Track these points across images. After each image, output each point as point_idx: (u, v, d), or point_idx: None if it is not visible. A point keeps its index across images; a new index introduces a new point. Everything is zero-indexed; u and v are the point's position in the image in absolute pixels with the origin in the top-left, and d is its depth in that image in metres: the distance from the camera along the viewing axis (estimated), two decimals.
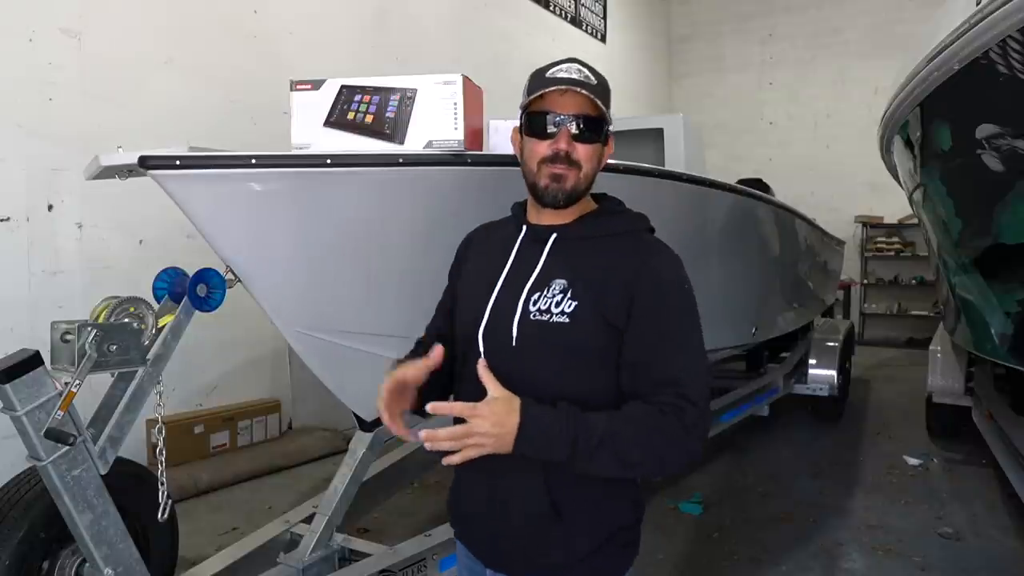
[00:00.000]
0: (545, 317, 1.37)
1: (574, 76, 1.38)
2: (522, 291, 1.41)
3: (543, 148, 1.39)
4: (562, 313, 1.36)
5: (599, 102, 1.37)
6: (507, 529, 1.42)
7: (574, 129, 1.38)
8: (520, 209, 1.55)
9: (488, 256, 1.52)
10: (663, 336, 1.34)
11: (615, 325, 1.35)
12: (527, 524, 1.39)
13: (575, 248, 1.42)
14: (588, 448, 1.24)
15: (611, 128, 1.46)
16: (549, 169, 1.39)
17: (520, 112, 1.45)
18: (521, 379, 1.33)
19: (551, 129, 1.38)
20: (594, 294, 1.36)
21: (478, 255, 1.59)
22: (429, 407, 1.29)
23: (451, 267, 1.68)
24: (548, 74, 1.40)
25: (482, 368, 1.30)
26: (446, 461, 1.25)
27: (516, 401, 1.26)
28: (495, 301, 1.44)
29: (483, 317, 1.44)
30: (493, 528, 1.45)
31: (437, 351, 1.38)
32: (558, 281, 1.39)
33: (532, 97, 1.39)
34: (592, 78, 1.39)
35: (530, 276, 1.42)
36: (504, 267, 1.46)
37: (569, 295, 1.37)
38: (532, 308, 1.38)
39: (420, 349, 1.63)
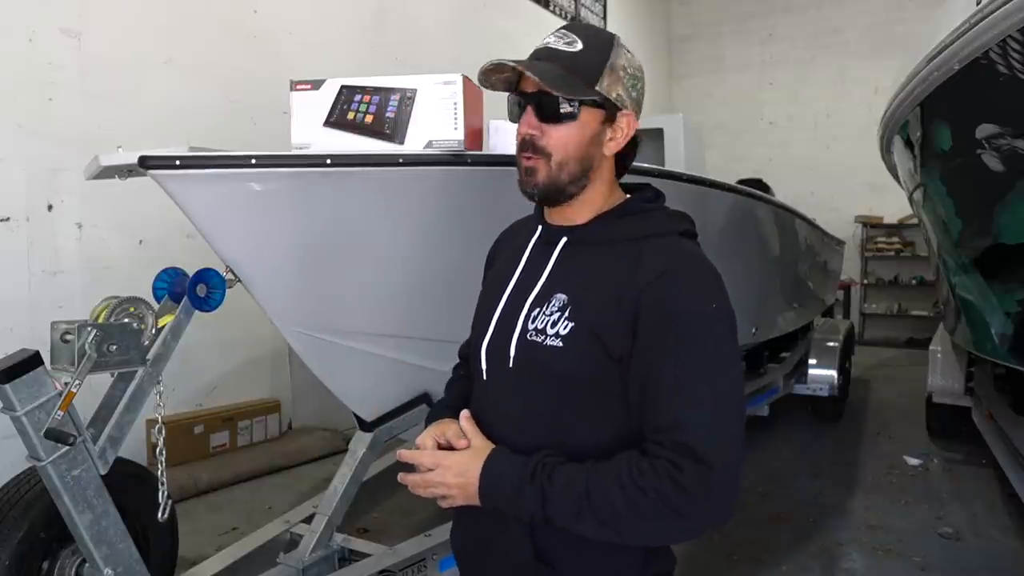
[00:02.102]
0: (540, 339, 1.16)
1: (551, 45, 1.18)
2: (524, 305, 1.21)
3: (518, 136, 1.21)
4: (556, 335, 1.14)
5: (554, 74, 1.13)
6: (491, 573, 1.25)
7: (538, 107, 1.16)
8: (540, 208, 1.32)
9: (507, 260, 1.33)
10: (668, 370, 1.06)
11: (618, 356, 1.10)
12: (510, 571, 1.20)
13: (585, 255, 1.20)
14: (560, 507, 1.06)
15: (623, 96, 1.20)
16: (521, 160, 1.21)
17: None
18: (517, 409, 1.19)
19: (516, 112, 1.21)
20: (593, 315, 1.12)
21: (501, 259, 1.39)
22: (397, 454, 1.22)
23: (484, 273, 1.47)
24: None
25: (463, 419, 1.21)
26: (444, 504, 1.19)
27: (486, 451, 1.15)
28: (499, 316, 1.25)
29: (487, 333, 1.27)
30: (479, 568, 1.29)
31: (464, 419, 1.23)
32: (559, 296, 1.17)
33: (480, 73, 1.22)
34: (577, 42, 1.16)
35: (533, 288, 1.22)
36: (514, 275, 1.27)
37: (567, 314, 1.15)
38: (531, 327, 1.18)
39: (452, 389, 1.47)
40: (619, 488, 1.03)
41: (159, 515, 2.31)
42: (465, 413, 1.23)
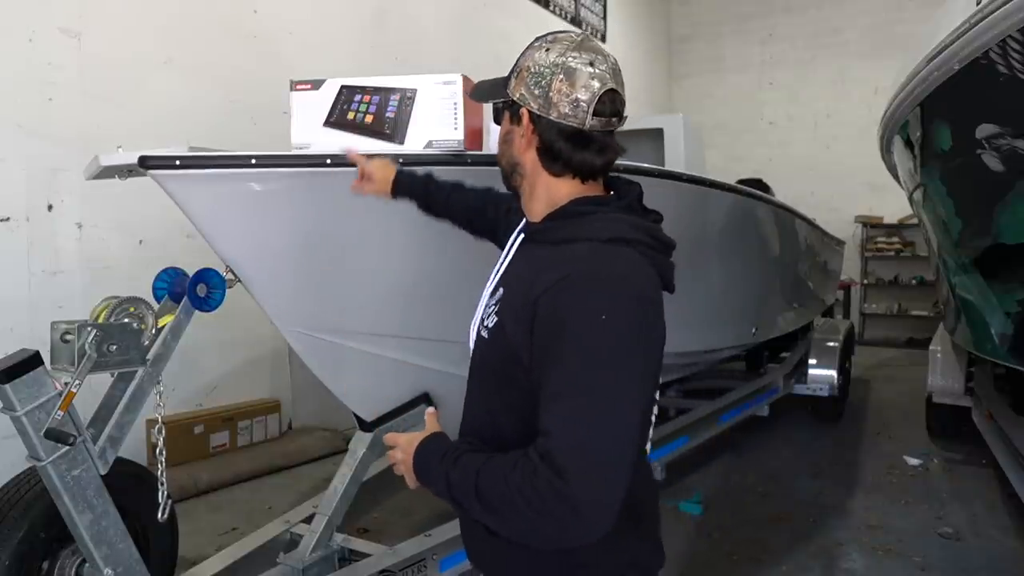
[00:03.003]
0: (481, 329, 1.27)
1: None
2: (485, 295, 1.32)
3: None
4: (487, 328, 1.23)
5: (487, 83, 1.34)
6: (469, 528, 1.38)
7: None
8: None
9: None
10: (548, 377, 1.07)
11: (520, 355, 1.14)
12: (478, 528, 1.27)
13: (531, 254, 1.26)
14: (459, 491, 1.11)
15: (528, 94, 1.22)
16: None
17: None
18: (469, 394, 1.33)
19: None
20: (509, 314, 1.18)
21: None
22: (384, 437, 1.35)
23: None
24: None
25: (427, 413, 1.31)
26: (409, 484, 1.28)
27: (428, 434, 1.23)
28: (481, 301, 1.36)
29: (473, 318, 1.36)
30: (464, 526, 1.42)
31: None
32: (500, 290, 1.25)
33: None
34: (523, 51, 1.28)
35: (495, 279, 1.32)
36: (495, 265, 1.38)
37: (496, 309, 1.23)
38: (483, 316, 1.29)
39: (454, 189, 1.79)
40: (500, 482, 1.05)
41: (159, 515, 2.31)
42: (430, 410, 1.32)
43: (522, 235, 1.31)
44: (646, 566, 1.25)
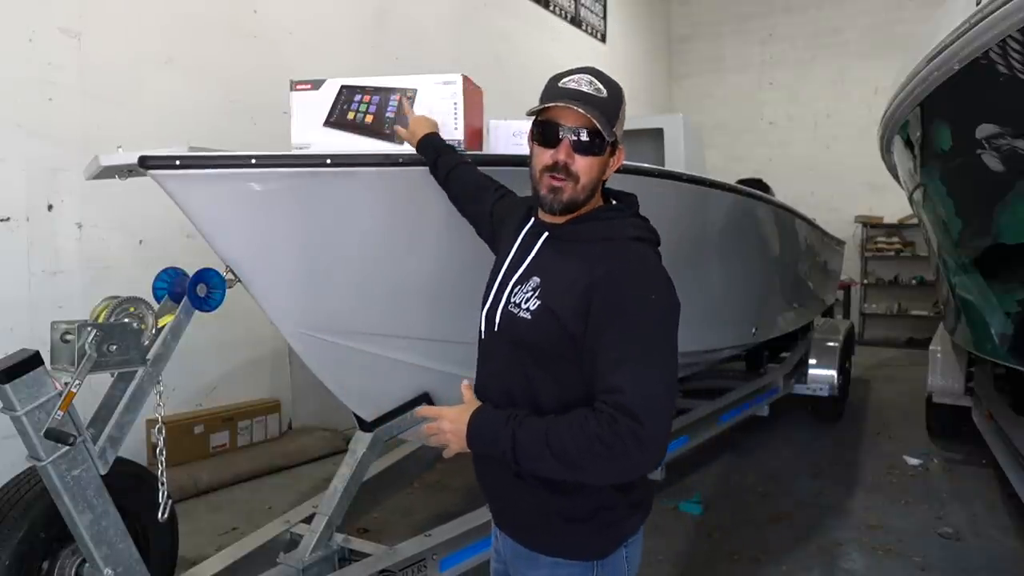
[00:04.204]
0: (516, 310, 1.47)
1: (583, 89, 1.42)
2: (509, 282, 1.52)
3: (546, 157, 1.45)
4: (527, 310, 1.45)
5: (600, 118, 1.40)
6: (493, 489, 1.60)
7: (576, 141, 1.42)
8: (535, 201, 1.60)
9: (505, 241, 1.64)
10: (612, 345, 1.33)
11: (572, 332, 1.38)
12: (502, 487, 1.55)
13: (560, 248, 1.49)
14: (525, 447, 1.33)
15: (619, 135, 1.48)
16: (548, 179, 1.45)
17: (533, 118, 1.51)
18: (498, 366, 1.53)
19: (553, 139, 1.44)
20: (556, 297, 1.41)
21: (502, 237, 1.69)
22: (416, 410, 1.60)
23: (507, 204, 1.81)
24: (560, 84, 1.45)
25: (463, 387, 1.52)
26: (445, 454, 1.48)
27: (475, 407, 1.44)
28: (496, 288, 1.56)
29: (487, 301, 1.57)
30: (488, 487, 1.62)
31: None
32: (534, 279, 1.48)
33: (539, 107, 1.46)
34: (603, 91, 1.43)
35: (519, 269, 1.52)
36: (508, 256, 1.58)
37: (537, 294, 1.44)
38: (512, 300, 1.49)
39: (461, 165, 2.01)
40: (570, 433, 1.29)
41: (159, 515, 2.31)
42: (465, 383, 1.53)
43: (546, 233, 1.52)
44: (647, 506, 1.58)
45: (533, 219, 1.58)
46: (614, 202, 1.56)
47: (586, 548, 1.48)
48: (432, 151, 2.05)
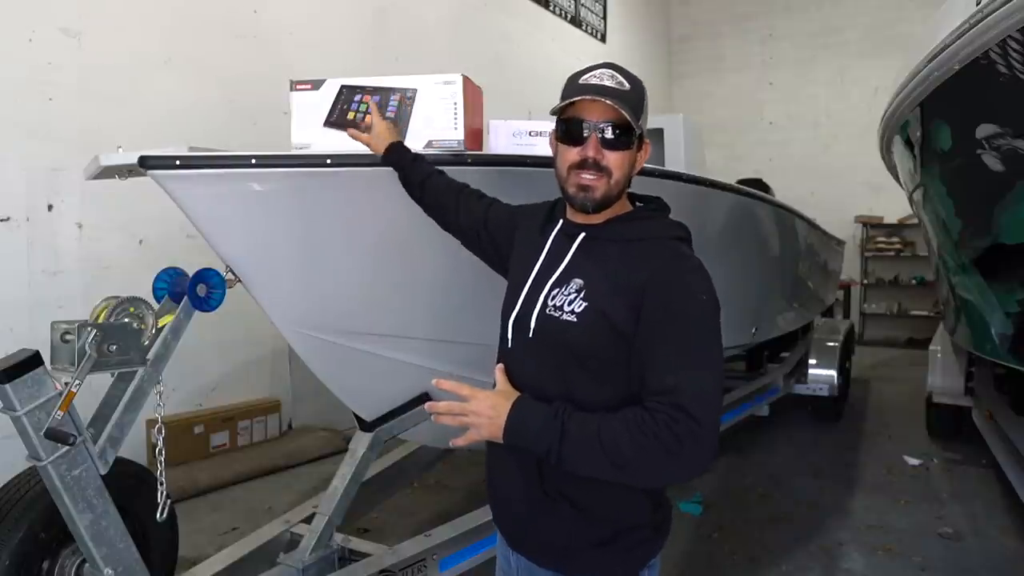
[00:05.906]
0: (557, 314, 1.41)
1: (606, 83, 1.40)
2: (545, 285, 1.47)
3: (573, 154, 1.42)
4: (572, 312, 1.39)
5: (627, 111, 1.37)
6: (511, 510, 1.53)
7: (604, 136, 1.39)
8: (561, 203, 1.57)
9: (529, 245, 1.59)
10: (666, 345, 1.31)
11: (623, 332, 1.35)
12: (523, 505, 1.48)
13: (599, 249, 1.45)
14: (574, 444, 1.28)
15: (645, 131, 1.46)
16: (578, 177, 1.42)
17: (556, 117, 1.48)
18: (533, 371, 1.45)
19: (579, 136, 1.41)
20: (604, 298, 1.38)
21: (523, 242, 1.64)
22: (435, 382, 1.43)
23: (507, 212, 1.79)
24: (581, 80, 1.42)
25: (498, 371, 1.47)
26: (452, 442, 1.39)
27: (515, 395, 1.38)
28: (526, 293, 1.50)
29: (515, 307, 1.52)
30: (505, 508, 1.56)
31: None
32: (576, 280, 1.43)
33: (563, 104, 1.42)
34: (625, 84, 1.41)
35: (554, 272, 1.47)
36: (538, 260, 1.52)
37: (582, 296, 1.40)
38: (550, 303, 1.44)
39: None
40: (626, 432, 1.25)
41: (159, 515, 2.31)
42: (500, 366, 1.48)
43: (583, 233, 1.47)
44: (667, 529, 1.53)
45: (562, 220, 1.54)
46: (638, 204, 1.55)
47: (611, 571, 1.46)
48: (404, 160, 1.99)
